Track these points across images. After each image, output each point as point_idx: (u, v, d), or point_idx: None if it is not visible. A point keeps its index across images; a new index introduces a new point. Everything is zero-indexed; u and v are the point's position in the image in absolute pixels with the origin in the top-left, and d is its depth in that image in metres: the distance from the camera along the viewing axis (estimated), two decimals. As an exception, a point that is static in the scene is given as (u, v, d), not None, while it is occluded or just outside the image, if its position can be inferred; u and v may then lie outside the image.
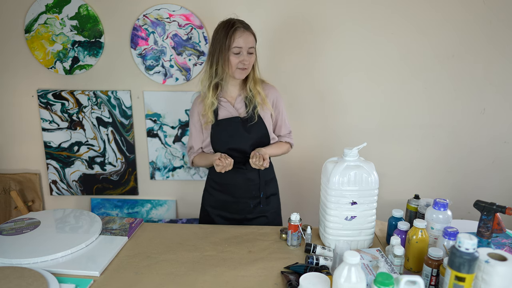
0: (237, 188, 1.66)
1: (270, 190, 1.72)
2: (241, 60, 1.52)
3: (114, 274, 1.22)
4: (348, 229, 1.34)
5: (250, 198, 1.66)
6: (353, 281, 0.91)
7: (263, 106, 1.63)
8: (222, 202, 1.69)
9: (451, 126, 2.27)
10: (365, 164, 1.32)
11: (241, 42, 1.50)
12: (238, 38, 1.50)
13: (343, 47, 2.18)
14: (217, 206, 1.70)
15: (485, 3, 2.09)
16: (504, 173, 2.32)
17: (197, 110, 1.66)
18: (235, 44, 1.50)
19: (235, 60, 1.52)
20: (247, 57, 1.52)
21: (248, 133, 1.60)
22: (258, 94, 1.61)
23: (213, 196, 1.72)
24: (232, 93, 1.64)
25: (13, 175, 2.43)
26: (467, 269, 0.93)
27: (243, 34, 1.51)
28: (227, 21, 1.55)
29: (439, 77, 2.20)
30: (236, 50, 1.50)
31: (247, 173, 1.64)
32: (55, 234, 1.43)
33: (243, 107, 1.63)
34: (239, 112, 1.63)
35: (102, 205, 2.49)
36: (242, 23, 1.54)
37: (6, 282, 1.11)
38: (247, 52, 1.52)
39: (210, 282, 1.18)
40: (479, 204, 1.23)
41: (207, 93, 1.59)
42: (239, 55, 1.51)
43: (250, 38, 1.53)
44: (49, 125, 2.37)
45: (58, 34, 2.23)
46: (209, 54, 1.58)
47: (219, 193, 1.70)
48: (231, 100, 1.64)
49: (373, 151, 2.18)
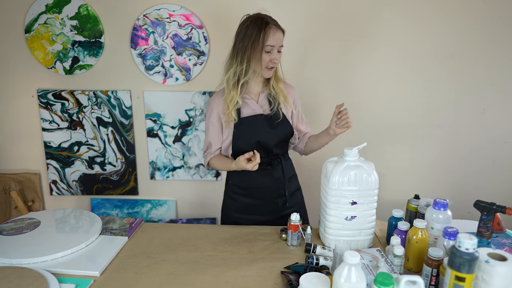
0: (265, 189, 1.62)
1: (294, 186, 1.70)
2: (272, 58, 1.49)
3: (114, 274, 1.22)
4: (348, 229, 1.34)
5: (278, 197, 1.63)
6: (353, 281, 0.91)
7: (286, 104, 1.61)
8: (249, 206, 1.64)
9: (451, 126, 2.27)
10: (365, 164, 1.32)
11: (273, 40, 1.47)
12: (272, 36, 1.46)
13: (342, 47, 2.18)
14: (244, 211, 1.65)
15: (485, 3, 2.09)
16: (504, 173, 2.32)
17: (217, 109, 1.60)
18: (269, 43, 1.46)
19: (266, 58, 1.49)
20: (277, 56, 1.50)
21: (274, 130, 1.57)
22: (281, 92, 1.60)
23: (237, 202, 1.66)
24: (254, 90, 1.61)
25: (13, 175, 2.43)
26: (467, 269, 0.92)
27: (276, 32, 1.48)
28: (258, 17, 1.49)
29: (439, 77, 2.20)
30: (269, 48, 1.48)
31: (273, 173, 1.61)
32: (55, 234, 1.43)
33: (267, 104, 1.60)
34: (263, 109, 1.59)
35: (102, 205, 2.49)
36: (273, 20, 1.50)
37: (6, 282, 1.11)
38: (277, 51, 1.50)
39: (210, 282, 1.18)
40: (479, 204, 1.23)
41: (232, 91, 1.54)
42: (271, 53, 1.49)
43: (281, 36, 1.50)
44: (49, 125, 2.37)
45: (58, 34, 2.23)
46: (238, 50, 1.52)
47: (244, 198, 1.65)
48: (254, 97, 1.61)
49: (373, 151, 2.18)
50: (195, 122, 2.33)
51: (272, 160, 1.61)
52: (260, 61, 1.49)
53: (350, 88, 2.24)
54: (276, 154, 1.61)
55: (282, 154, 1.64)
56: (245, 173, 1.59)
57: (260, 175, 1.59)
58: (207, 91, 2.27)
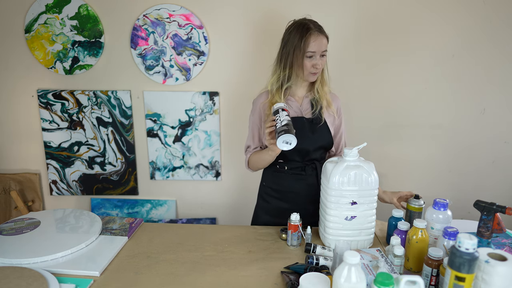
0: (298, 195, 1.61)
1: None
2: (314, 64, 1.48)
3: (114, 274, 1.22)
4: (348, 229, 1.34)
5: (310, 203, 1.60)
6: (353, 281, 0.91)
7: (328, 109, 1.59)
8: (280, 209, 1.63)
9: (451, 126, 2.27)
10: (365, 164, 1.32)
11: (314, 46, 1.46)
12: (313, 42, 1.46)
13: (342, 47, 2.18)
14: (276, 214, 1.64)
15: (485, 3, 2.09)
16: (504, 173, 2.32)
17: (259, 110, 1.60)
18: (310, 49, 1.46)
19: (308, 64, 1.49)
20: (320, 61, 1.49)
21: (312, 134, 1.55)
22: (324, 97, 1.58)
23: (270, 204, 1.66)
24: (299, 93, 1.61)
25: (13, 175, 2.43)
26: (467, 269, 0.93)
27: (317, 38, 1.47)
28: (301, 23, 1.50)
29: (439, 77, 2.20)
30: (310, 54, 1.47)
31: (307, 179, 1.59)
32: (55, 234, 1.43)
33: (309, 108, 1.58)
34: (305, 113, 1.58)
35: (102, 205, 2.49)
36: (316, 25, 1.49)
37: (6, 282, 1.11)
38: (320, 55, 1.49)
39: (210, 282, 1.18)
40: (479, 204, 1.23)
41: (275, 95, 1.55)
42: (312, 58, 1.48)
43: (323, 41, 1.49)
44: (49, 125, 2.37)
45: (58, 34, 2.23)
46: (281, 56, 1.53)
47: (277, 201, 1.64)
48: (298, 100, 1.61)
49: (373, 151, 2.18)
50: (195, 122, 2.33)
51: (307, 165, 1.59)
52: (302, 66, 1.49)
53: (350, 88, 2.24)
54: (312, 160, 1.59)
55: (318, 160, 1.61)
56: (279, 176, 1.60)
57: (293, 179, 1.59)
58: (207, 91, 2.27)
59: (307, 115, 1.58)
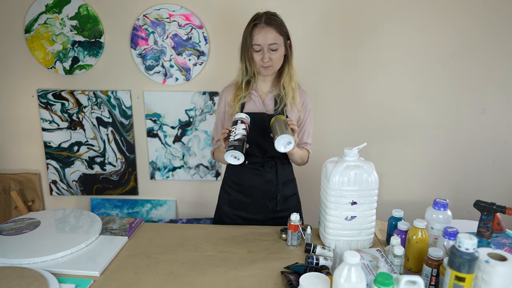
0: (255, 189, 1.61)
1: (288, 191, 1.67)
2: (262, 57, 1.44)
3: (114, 274, 1.22)
4: (348, 229, 1.34)
5: (268, 200, 1.61)
6: (353, 281, 0.91)
7: (293, 106, 1.55)
8: (240, 202, 1.64)
9: (451, 126, 2.27)
10: (365, 164, 1.32)
11: (259, 39, 1.42)
12: (257, 35, 1.42)
13: (342, 47, 2.18)
14: (234, 206, 1.66)
15: (485, 3, 2.09)
16: (504, 173, 2.32)
17: (225, 99, 1.59)
18: (254, 41, 1.43)
19: (257, 58, 1.46)
20: (267, 54, 1.43)
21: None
22: (290, 93, 1.54)
23: (231, 196, 1.67)
24: (263, 88, 1.58)
25: (13, 175, 2.43)
26: (467, 269, 0.92)
27: (262, 31, 1.42)
28: (253, 15, 1.47)
29: (439, 77, 2.20)
30: (256, 47, 1.43)
31: (265, 175, 1.59)
32: (55, 234, 1.43)
33: (272, 104, 1.55)
34: (267, 109, 1.56)
35: (102, 205, 2.49)
36: (265, 17, 1.44)
37: (6, 282, 1.11)
38: (269, 49, 1.43)
39: (210, 282, 1.18)
40: (479, 204, 1.23)
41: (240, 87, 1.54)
42: (260, 52, 1.45)
43: (270, 34, 1.42)
44: (49, 125, 2.37)
45: (58, 34, 2.23)
46: (240, 50, 1.51)
47: (236, 193, 1.65)
48: (262, 95, 1.58)
49: (373, 151, 2.18)
50: (195, 122, 2.33)
51: (267, 162, 1.59)
52: (252, 60, 1.47)
53: (350, 88, 2.24)
54: (272, 157, 1.58)
55: (278, 157, 1.60)
56: (239, 169, 1.60)
57: (252, 174, 1.58)
58: (207, 91, 2.27)
59: (270, 111, 1.55)
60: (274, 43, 1.43)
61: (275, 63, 1.48)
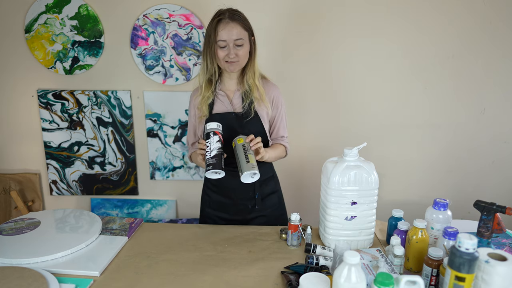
0: (233, 190, 1.60)
1: (268, 190, 1.66)
2: (227, 53, 1.42)
3: (114, 274, 1.22)
4: (348, 229, 1.34)
5: (247, 200, 1.61)
6: (353, 281, 0.91)
7: (260, 102, 1.53)
8: (220, 203, 1.65)
9: (451, 126, 2.27)
10: (365, 164, 1.32)
11: (224, 35, 1.40)
12: (221, 30, 1.39)
13: (343, 47, 2.18)
14: (216, 207, 1.67)
15: (485, 3, 2.09)
16: (504, 173, 2.32)
17: (193, 103, 1.59)
18: (219, 37, 1.40)
19: (221, 54, 1.43)
20: (233, 50, 1.41)
21: (242, 129, 1.51)
22: (256, 89, 1.52)
23: (211, 198, 1.68)
24: (230, 87, 1.56)
25: (13, 175, 2.43)
26: (467, 269, 0.92)
27: (226, 26, 1.40)
28: (216, 11, 1.45)
29: (439, 77, 2.20)
30: (221, 43, 1.41)
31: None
32: (55, 234, 1.43)
33: (240, 102, 1.54)
34: (235, 108, 1.55)
35: (102, 205, 2.49)
36: (228, 13, 1.42)
37: (6, 282, 1.11)
38: (234, 45, 1.41)
39: (210, 282, 1.18)
40: (479, 204, 1.23)
41: (205, 90, 1.53)
42: (225, 48, 1.42)
43: (235, 29, 1.40)
44: (49, 125, 2.37)
45: (58, 34, 2.23)
46: (203, 48, 1.49)
47: (216, 195, 1.66)
48: (229, 94, 1.56)
49: (373, 151, 2.18)
50: (195, 122, 2.33)
51: None
52: (216, 57, 1.45)
53: (350, 89, 2.24)
54: None
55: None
56: None
57: (229, 175, 1.49)
58: (207, 91, 2.27)
59: (238, 110, 1.54)
60: (240, 39, 1.42)
61: (241, 59, 1.46)
